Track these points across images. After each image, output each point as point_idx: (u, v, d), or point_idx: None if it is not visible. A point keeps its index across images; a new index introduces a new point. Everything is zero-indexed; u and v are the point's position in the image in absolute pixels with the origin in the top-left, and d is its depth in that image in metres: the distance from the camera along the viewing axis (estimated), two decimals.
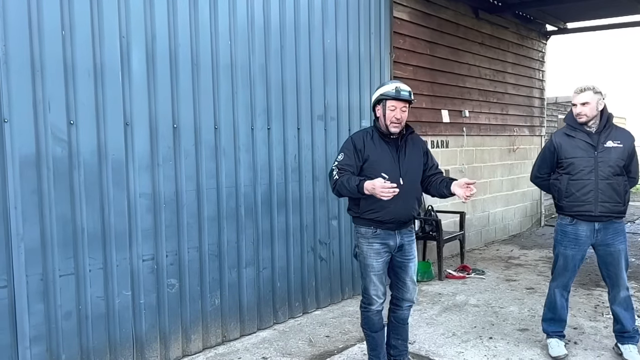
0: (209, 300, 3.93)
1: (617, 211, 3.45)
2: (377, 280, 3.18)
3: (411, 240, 3.26)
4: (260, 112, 4.22)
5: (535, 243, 7.96)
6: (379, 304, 3.22)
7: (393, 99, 3.05)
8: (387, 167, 3.08)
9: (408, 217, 3.17)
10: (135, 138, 3.44)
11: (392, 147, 3.13)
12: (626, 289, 3.58)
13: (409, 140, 3.20)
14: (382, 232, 3.13)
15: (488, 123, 7.70)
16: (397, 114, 3.05)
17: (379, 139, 3.13)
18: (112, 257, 3.36)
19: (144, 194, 3.50)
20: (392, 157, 3.11)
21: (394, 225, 3.13)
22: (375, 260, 3.15)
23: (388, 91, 3.07)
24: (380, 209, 3.05)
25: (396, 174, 3.07)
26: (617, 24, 8.68)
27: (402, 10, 5.82)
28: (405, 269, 3.24)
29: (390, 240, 3.16)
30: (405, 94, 3.05)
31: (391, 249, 3.18)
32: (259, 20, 4.16)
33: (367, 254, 3.17)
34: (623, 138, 3.47)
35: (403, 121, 3.09)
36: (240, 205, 4.11)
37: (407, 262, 3.24)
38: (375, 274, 3.17)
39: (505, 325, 4.39)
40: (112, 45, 3.30)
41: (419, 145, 3.26)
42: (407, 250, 3.22)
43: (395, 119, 3.06)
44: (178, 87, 3.66)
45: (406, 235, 3.22)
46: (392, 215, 3.08)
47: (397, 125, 3.07)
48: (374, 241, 3.14)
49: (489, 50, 7.59)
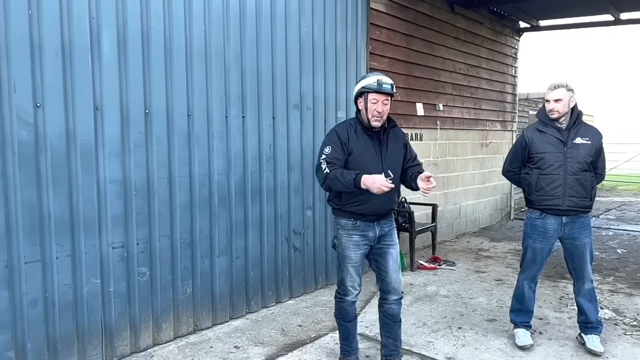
0: (180, 289, 3.89)
1: (584, 206, 3.55)
2: (354, 271, 3.17)
3: (391, 228, 3.24)
4: (235, 99, 4.17)
5: (505, 236, 8.13)
6: (354, 295, 3.22)
7: (374, 92, 3.00)
8: (370, 160, 3.05)
9: (388, 210, 3.17)
10: (106, 123, 3.36)
11: (375, 141, 3.10)
12: (590, 282, 3.69)
13: (391, 134, 3.18)
14: (362, 224, 3.11)
15: (461, 117, 7.80)
16: (379, 107, 3.01)
17: (362, 132, 3.09)
18: (81, 244, 3.28)
19: (114, 180, 3.43)
20: (375, 150, 3.09)
21: (374, 217, 3.12)
22: (353, 252, 3.14)
23: (370, 84, 3.02)
24: (362, 201, 3.04)
25: (378, 168, 3.04)
26: (588, 23, 8.88)
27: (379, 2, 5.82)
28: (386, 255, 3.19)
29: (369, 232, 3.14)
30: (387, 87, 3.01)
31: (370, 241, 3.17)
32: (234, 7, 4.10)
33: (345, 246, 3.15)
34: (591, 135, 3.56)
35: (385, 114, 3.06)
36: (214, 194, 4.07)
37: (387, 249, 3.20)
38: (352, 265, 3.16)
39: (474, 316, 4.48)
40: (81, 27, 3.20)
41: (400, 138, 3.24)
42: (386, 237, 3.20)
43: (377, 113, 3.01)
44: (150, 72, 3.58)
45: (386, 225, 3.21)
46: (373, 208, 3.07)
47: (378, 119, 3.04)
48: (353, 233, 3.13)
49: (463, 45, 7.68)
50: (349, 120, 3.20)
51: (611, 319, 4.36)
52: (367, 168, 2.99)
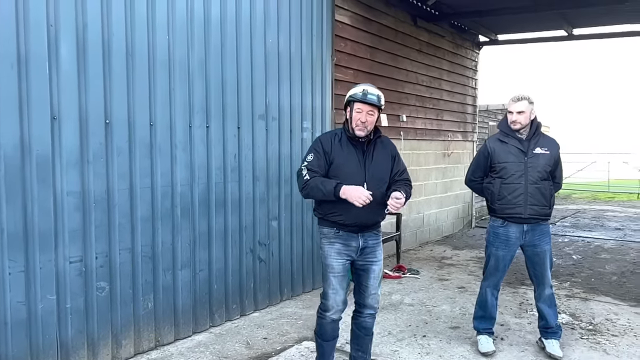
0: (141, 304, 3.77)
1: (544, 214, 3.67)
2: (337, 282, 3.06)
3: (376, 243, 3.15)
4: (199, 109, 4.11)
5: (467, 244, 8.30)
6: (335, 311, 3.10)
7: (359, 102, 2.98)
8: (352, 171, 3.01)
9: (372, 222, 3.08)
10: (63, 133, 3.25)
11: (359, 151, 3.06)
12: (550, 287, 3.80)
13: (378, 144, 3.13)
14: (345, 233, 3.06)
15: (424, 128, 7.94)
16: (363, 117, 2.98)
17: (347, 142, 3.06)
18: (35, 258, 3.14)
19: (72, 192, 3.31)
20: (358, 160, 3.04)
21: (356, 228, 3.05)
22: (335, 260, 3.06)
23: (356, 93, 3.01)
24: (343, 211, 2.98)
25: (360, 178, 3.00)
26: (544, 38, 9.25)
27: (344, 14, 5.89)
28: (368, 272, 3.12)
29: (352, 242, 3.07)
30: (372, 98, 2.98)
31: (353, 251, 3.09)
32: (198, 16, 4.05)
33: (327, 254, 3.09)
34: (550, 145, 3.70)
35: (369, 125, 3.01)
36: (176, 206, 3.98)
37: (369, 265, 3.12)
38: (334, 274, 3.06)
39: (438, 324, 4.53)
40: (38, 34, 3.09)
41: (388, 149, 3.18)
42: (369, 253, 3.12)
43: (360, 122, 2.98)
44: (111, 80, 3.49)
45: (370, 238, 3.12)
46: (354, 219, 3.00)
47: (362, 128, 3.00)
48: (335, 241, 3.07)
49: (425, 58, 7.84)
50: (336, 130, 3.19)
51: (568, 323, 4.50)
52: (349, 178, 2.97)
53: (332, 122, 5.54)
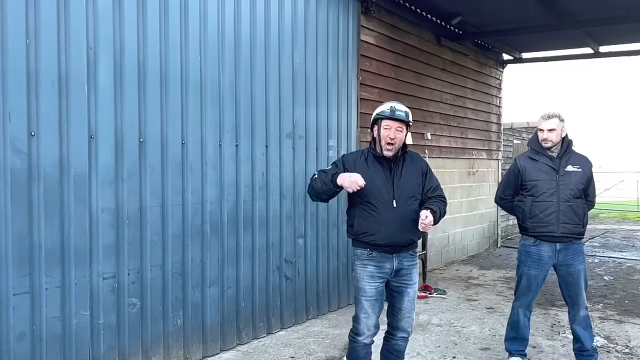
0: (171, 320, 3.80)
1: (577, 232, 3.60)
2: (369, 306, 3.00)
3: (411, 265, 3.07)
4: (229, 128, 4.18)
5: (493, 263, 8.16)
6: (366, 336, 3.03)
7: (388, 119, 2.96)
8: (380, 188, 2.96)
9: (405, 241, 3.00)
10: (100, 151, 3.34)
11: (386, 168, 3.01)
12: (585, 308, 3.71)
13: (407, 160, 3.08)
14: (378, 254, 2.99)
15: (449, 146, 7.91)
16: (392, 133, 2.94)
17: (373, 160, 3.03)
18: (71, 274, 3.21)
19: (106, 209, 3.38)
20: (386, 178, 2.99)
21: (390, 248, 2.98)
22: (367, 283, 2.99)
23: (383, 110, 2.99)
24: (374, 231, 2.94)
25: (389, 197, 2.96)
26: (569, 56, 9.17)
27: (369, 34, 5.95)
28: (402, 294, 3.06)
29: (386, 264, 3.00)
30: (400, 114, 2.95)
31: (387, 274, 3.02)
32: (229, 37, 4.15)
33: (360, 277, 3.02)
34: (582, 163, 3.65)
35: (398, 142, 2.97)
36: (206, 223, 4.03)
37: (404, 288, 3.05)
38: (367, 299, 2.99)
39: (468, 345, 4.45)
40: (78, 56, 3.21)
41: (418, 165, 3.11)
42: (405, 275, 3.05)
43: (390, 139, 2.94)
44: (146, 101, 3.59)
45: (406, 259, 3.05)
46: (386, 239, 2.94)
47: (390, 146, 2.97)
48: (368, 263, 3.00)
49: (450, 76, 7.85)
50: (362, 149, 3.18)
51: (604, 346, 4.37)
52: (377, 195, 2.96)
53: (358, 140, 5.57)
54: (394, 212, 2.95)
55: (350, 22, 5.43)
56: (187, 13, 3.83)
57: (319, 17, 5.01)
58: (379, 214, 2.95)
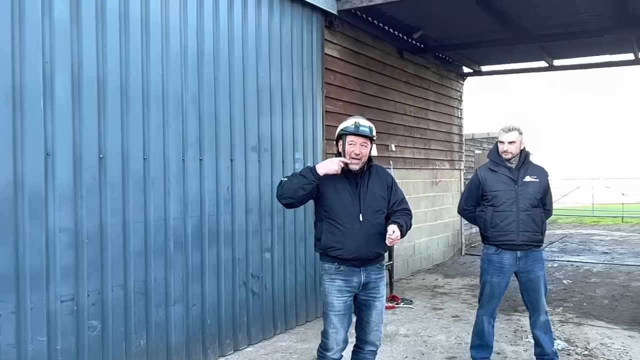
0: (134, 342, 3.69)
1: (536, 240, 3.71)
2: (337, 321, 2.99)
3: (379, 278, 3.08)
4: (192, 142, 4.13)
5: (458, 272, 8.30)
6: (335, 351, 3.02)
7: (352, 134, 2.98)
8: (347, 202, 2.97)
9: (372, 254, 3.01)
10: (57, 168, 3.23)
11: (352, 183, 3.02)
12: (545, 313, 3.81)
13: (373, 174, 3.09)
14: (346, 268, 2.99)
15: (412, 157, 8.04)
16: (357, 149, 2.97)
17: (340, 174, 3.00)
18: (26, 299, 3.07)
19: (64, 228, 3.27)
20: (352, 192, 3.01)
21: (357, 262, 2.99)
22: (336, 298, 2.98)
23: (347, 126, 3.00)
24: (341, 245, 2.95)
25: (356, 211, 2.97)
26: (525, 69, 9.52)
27: (333, 48, 6.01)
28: (370, 308, 3.06)
29: (354, 277, 3.00)
30: (365, 130, 2.97)
31: (355, 288, 3.02)
32: (192, 51, 4.11)
33: (328, 291, 3.01)
34: (539, 173, 3.78)
35: (363, 157, 3.00)
36: (170, 239, 3.95)
37: (372, 301, 3.06)
38: (335, 313, 2.99)
39: (435, 354, 4.49)
40: (34, 70, 3.11)
41: (384, 179, 3.13)
42: (372, 288, 3.06)
43: (355, 154, 2.97)
44: (105, 116, 3.50)
45: (373, 273, 3.06)
46: (353, 253, 2.95)
47: (356, 161, 2.99)
48: (336, 277, 3.00)
49: (412, 89, 8.00)
50: None
51: (564, 349, 4.49)
52: (343, 209, 2.96)
53: (324, 152, 5.59)
54: (361, 226, 2.96)
55: (314, 36, 5.48)
56: (149, 27, 3.77)
57: (282, 31, 5.03)
58: (345, 228, 2.96)
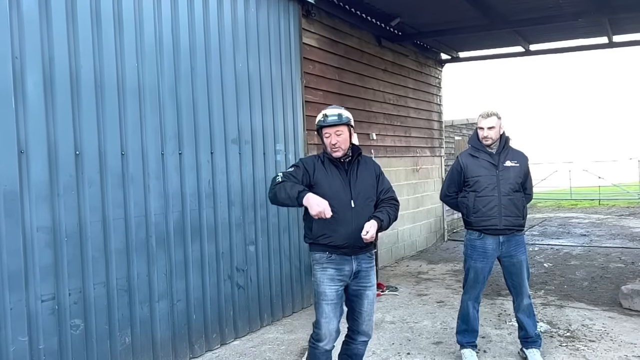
0: (118, 339, 3.64)
1: (518, 224, 3.76)
2: (330, 310, 2.99)
3: (370, 267, 3.10)
4: (171, 136, 4.06)
5: (442, 257, 8.39)
6: (327, 342, 3.01)
7: (324, 127, 3.04)
8: (338, 189, 3.01)
9: (364, 241, 2.99)
10: (32, 166, 3.15)
11: (342, 171, 3.08)
12: (528, 297, 3.87)
13: (361, 163, 3.15)
14: (337, 257, 3.00)
15: (393, 145, 8.06)
16: (333, 139, 3.02)
17: (329, 163, 3.08)
18: (5, 299, 3.00)
19: (42, 227, 3.19)
20: (342, 180, 3.05)
21: (349, 249, 3.00)
22: (328, 287, 2.99)
23: (318, 120, 3.07)
24: (332, 232, 2.96)
25: (347, 197, 3.00)
26: (502, 54, 9.59)
27: (311, 37, 5.96)
28: (362, 297, 3.08)
29: (345, 266, 3.02)
30: (333, 119, 3.01)
31: (346, 276, 3.04)
32: (167, 43, 4.03)
33: (320, 281, 3.01)
34: (519, 158, 3.82)
35: (342, 144, 3.03)
36: (151, 236, 3.90)
37: (363, 290, 3.08)
38: (327, 302, 2.99)
39: (421, 340, 4.54)
40: (3, 66, 3.01)
41: (372, 168, 3.20)
42: (363, 277, 3.07)
43: (332, 145, 3.02)
44: (80, 112, 3.42)
45: (364, 261, 3.07)
46: (344, 239, 2.96)
47: (336, 150, 3.03)
48: (328, 266, 3.01)
49: (391, 77, 8.00)
50: (318, 154, 3.20)
51: (547, 331, 4.58)
52: (335, 196, 2.97)
53: (305, 143, 5.56)
54: (352, 212, 2.98)
55: (291, 25, 5.42)
56: (121, 19, 3.68)
57: (259, 21, 4.96)
58: (337, 215, 2.95)
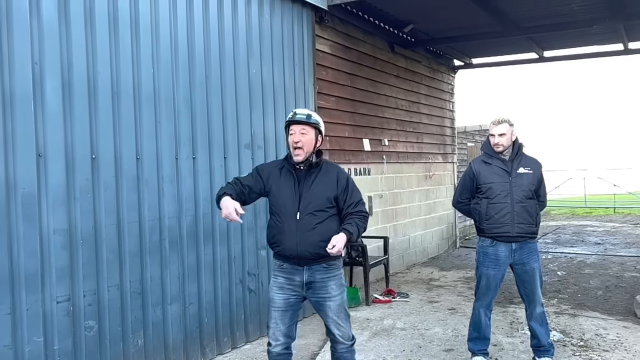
0: (131, 341, 3.68)
1: (531, 232, 3.74)
2: (278, 317, 2.96)
3: (326, 278, 2.96)
4: (185, 141, 4.11)
5: (453, 264, 8.34)
6: (276, 345, 2.98)
7: (291, 124, 2.95)
8: (286, 199, 2.92)
9: (311, 255, 2.88)
10: (49, 170, 3.21)
11: (295, 180, 2.95)
12: (541, 305, 3.84)
13: (322, 172, 2.98)
14: (289, 266, 2.96)
15: (405, 151, 8.05)
16: (296, 137, 2.90)
17: (287, 170, 2.99)
18: (22, 300, 3.05)
19: (58, 229, 3.25)
20: (293, 191, 2.93)
21: (297, 260, 2.92)
22: (276, 294, 2.98)
23: (288, 118, 2.99)
24: (279, 242, 2.93)
25: (294, 209, 2.90)
26: (516, 61, 9.55)
27: (324, 43, 6.00)
28: (323, 308, 2.99)
29: (296, 276, 2.96)
30: (301, 117, 2.92)
31: (297, 286, 2.97)
32: (182, 49, 4.09)
33: (271, 287, 3.03)
34: (532, 165, 3.80)
35: (305, 145, 2.90)
36: (165, 239, 3.94)
37: (322, 301, 2.98)
38: (275, 309, 2.97)
39: (432, 347, 4.52)
40: (23, 71, 3.08)
41: (334, 179, 2.97)
42: (319, 288, 2.96)
43: (294, 142, 2.90)
44: (97, 116, 3.48)
45: (319, 272, 2.95)
46: (290, 251, 2.89)
47: (298, 150, 2.91)
48: (278, 274, 3.00)
49: (404, 83, 8.01)
50: (280, 159, 3.15)
51: (560, 340, 4.53)
52: (282, 207, 2.93)
53: None
54: (297, 224, 2.88)
55: (304, 32, 5.46)
56: (138, 26, 3.75)
57: (273, 28, 5.01)
58: (282, 226, 2.91)
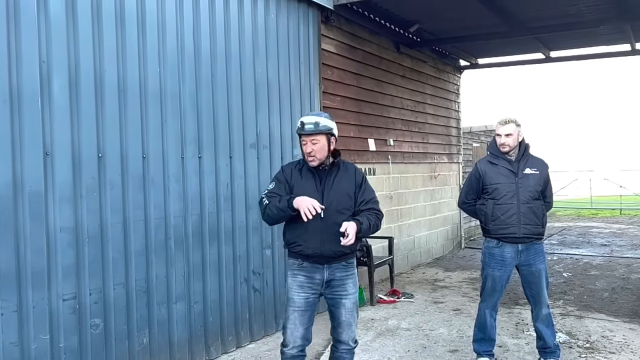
0: (136, 340, 3.69)
1: (537, 233, 3.72)
2: (297, 318, 2.97)
3: (345, 276, 3.03)
4: (191, 140, 4.12)
5: (458, 265, 8.32)
6: (292, 347, 2.98)
7: (301, 135, 3.00)
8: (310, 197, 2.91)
9: (334, 253, 2.94)
10: (56, 168, 3.22)
11: (317, 178, 3.01)
12: (547, 307, 3.82)
13: (341, 171, 3.06)
14: (309, 265, 2.97)
15: (411, 151, 8.04)
16: (308, 148, 2.96)
17: (307, 170, 3.04)
18: (28, 297, 3.07)
19: (65, 228, 3.26)
20: (315, 188, 2.98)
21: (319, 259, 2.96)
22: (296, 293, 2.98)
23: (297, 127, 3.02)
24: (302, 242, 2.94)
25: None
26: (522, 61, 9.51)
27: (330, 43, 6.00)
28: (338, 306, 3.02)
29: (317, 274, 2.98)
30: (309, 128, 2.93)
31: (317, 285, 3.00)
32: (189, 48, 4.10)
33: (290, 287, 3.02)
34: (539, 166, 3.78)
35: (317, 153, 2.96)
36: (170, 238, 3.95)
37: (339, 299, 3.02)
38: (294, 309, 2.98)
39: (437, 348, 4.50)
40: (31, 70, 3.09)
41: (352, 177, 3.07)
42: (338, 286, 3.01)
43: (307, 154, 2.98)
44: (104, 115, 3.49)
45: (338, 270, 3.01)
46: (313, 249, 2.93)
47: (312, 158, 2.97)
48: (298, 273, 3.00)
49: (409, 83, 7.99)
50: (298, 159, 3.17)
51: (566, 342, 4.51)
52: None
53: None
54: (322, 223, 2.90)
55: (310, 31, 5.46)
56: (145, 24, 3.76)
57: (279, 27, 5.01)
58: (307, 225, 2.90)
